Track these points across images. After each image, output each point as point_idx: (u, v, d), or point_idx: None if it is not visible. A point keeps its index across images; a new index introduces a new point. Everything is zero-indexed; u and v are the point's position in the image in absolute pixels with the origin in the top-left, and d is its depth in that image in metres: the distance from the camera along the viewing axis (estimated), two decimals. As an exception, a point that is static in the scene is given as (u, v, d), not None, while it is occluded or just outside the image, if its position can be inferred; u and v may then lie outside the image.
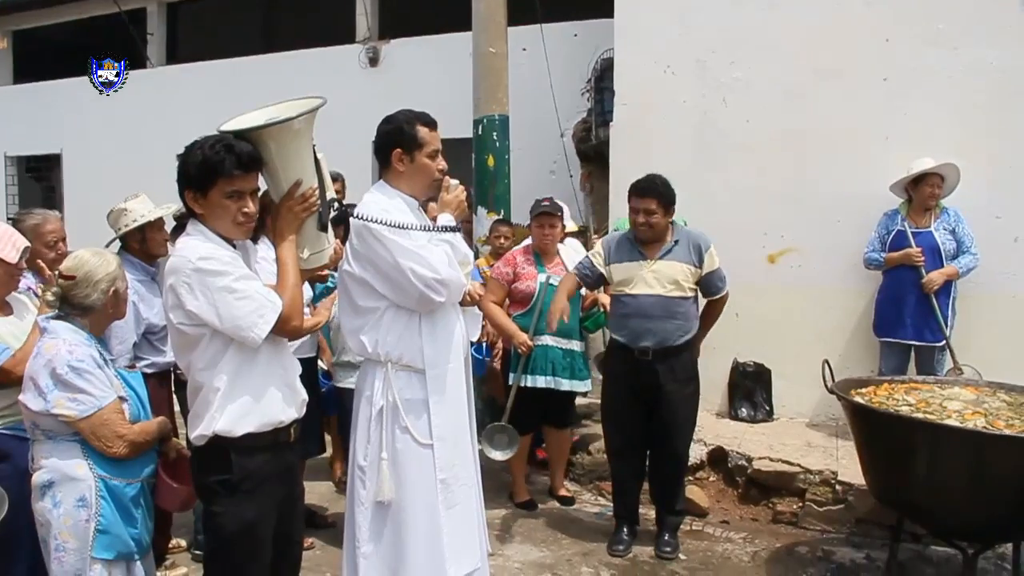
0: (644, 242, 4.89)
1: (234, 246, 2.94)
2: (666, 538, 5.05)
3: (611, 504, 5.39)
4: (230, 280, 2.77)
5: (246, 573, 2.96)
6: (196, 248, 2.81)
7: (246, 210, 2.88)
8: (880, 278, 6.08)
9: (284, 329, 2.89)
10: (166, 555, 4.68)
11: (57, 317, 3.16)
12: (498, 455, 5.43)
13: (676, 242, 4.90)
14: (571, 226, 6.27)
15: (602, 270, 4.99)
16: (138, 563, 3.23)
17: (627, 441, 5.05)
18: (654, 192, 4.81)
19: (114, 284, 3.21)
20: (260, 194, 2.97)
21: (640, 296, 4.83)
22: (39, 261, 3.91)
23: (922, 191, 5.85)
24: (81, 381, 3.01)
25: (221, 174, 2.79)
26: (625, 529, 5.12)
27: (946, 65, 6.08)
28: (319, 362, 5.25)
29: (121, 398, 3.15)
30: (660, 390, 4.87)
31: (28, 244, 3.55)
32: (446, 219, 3.54)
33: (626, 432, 5.03)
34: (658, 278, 4.83)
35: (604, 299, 5.48)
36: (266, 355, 2.92)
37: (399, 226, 3.33)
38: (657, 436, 5.00)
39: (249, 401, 2.89)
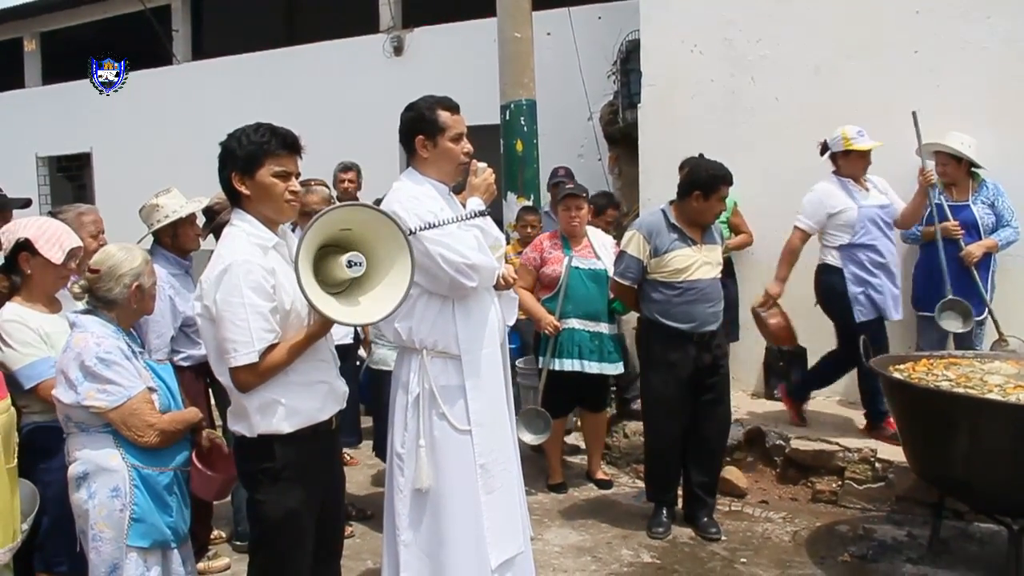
0: (691, 226, 4.87)
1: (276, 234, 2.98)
2: (705, 520, 5.04)
3: (649, 486, 5.36)
4: (243, 299, 2.77)
5: (290, 560, 2.98)
6: (235, 250, 2.84)
7: (293, 189, 2.94)
8: (917, 253, 6.00)
9: (236, 377, 2.85)
10: (208, 546, 4.71)
11: (87, 312, 3.20)
12: (530, 438, 5.43)
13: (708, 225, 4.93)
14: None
15: (646, 264, 4.89)
16: (175, 551, 3.27)
17: (677, 429, 5.00)
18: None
19: (137, 279, 3.23)
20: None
21: (702, 281, 4.83)
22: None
23: (936, 167, 5.79)
24: (110, 372, 3.05)
25: (269, 153, 2.86)
26: (664, 511, 5.10)
27: (979, 36, 5.95)
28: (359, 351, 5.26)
29: (150, 388, 3.18)
30: (715, 365, 4.94)
31: (79, 244, 3.60)
32: (475, 203, 3.53)
33: (677, 419, 4.97)
34: (710, 262, 4.88)
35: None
36: (303, 359, 2.95)
37: (429, 225, 3.31)
38: (705, 413, 4.99)
39: (288, 404, 2.91)
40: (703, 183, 4.78)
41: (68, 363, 3.07)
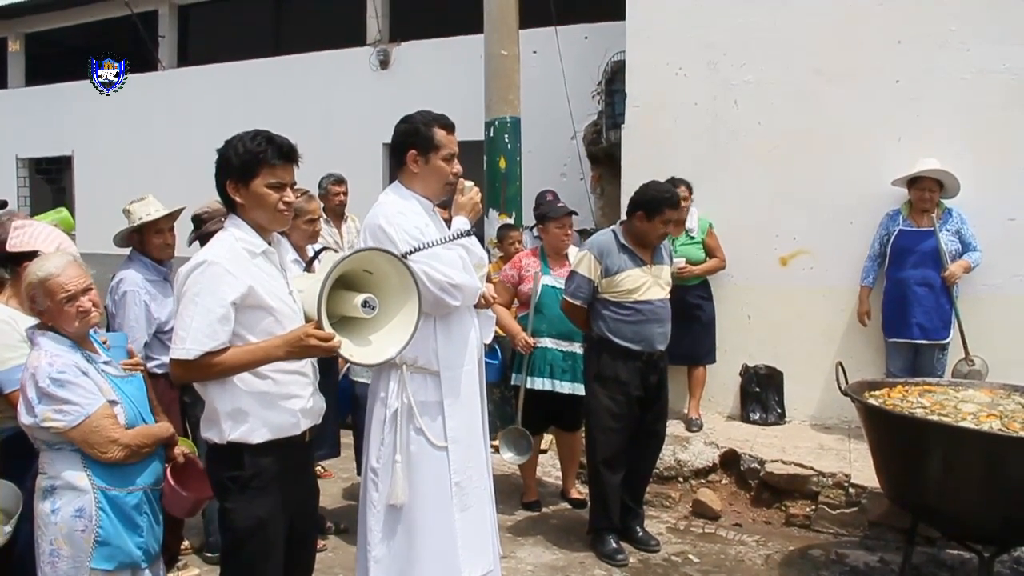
0: (641, 247, 4.89)
1: (269, 242, 2.97)
2: (641, 534, 5.13)
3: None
4: (197, 297, 2.75)
5: (258, 571, 2.95)
6: (213, 251, 2.83)
7: (287, 199, 2.93)
8: (884, 281, 6.12)
9: (171, 367, 2.83)
10: (178, 556, 4.66)
11: (43, 327, 3.10)
12: (512, 457, 5.42)
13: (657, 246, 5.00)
14: None
15: (597, 284, 4.88)
16: (146, 571, 3.17)
17: (622, 447, 4.97)
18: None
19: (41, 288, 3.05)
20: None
21: (654, 301, 4.86)
22: None
23: (916, 194, 5.90)
24: (64, 392, 2.94)
25: (264, 164, 2.86)
26: (613, 538, 5.02)
27: (958, 66, 6.04)
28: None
29: (112, 402, 3.07)
30: (660, 383, 5.01)
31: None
32: (461, 222, 3.54)
33: (624, 437, 4.96)
34: (659, 283, 4.91)
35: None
36: (280, 370, 2.92)
37: (416, 249, 3.31)
38: (648, 429, 5.05)
39: (260, 416, 2.88)
40: (646, 204, 4.80)
41: (25, 383, 2.98)
